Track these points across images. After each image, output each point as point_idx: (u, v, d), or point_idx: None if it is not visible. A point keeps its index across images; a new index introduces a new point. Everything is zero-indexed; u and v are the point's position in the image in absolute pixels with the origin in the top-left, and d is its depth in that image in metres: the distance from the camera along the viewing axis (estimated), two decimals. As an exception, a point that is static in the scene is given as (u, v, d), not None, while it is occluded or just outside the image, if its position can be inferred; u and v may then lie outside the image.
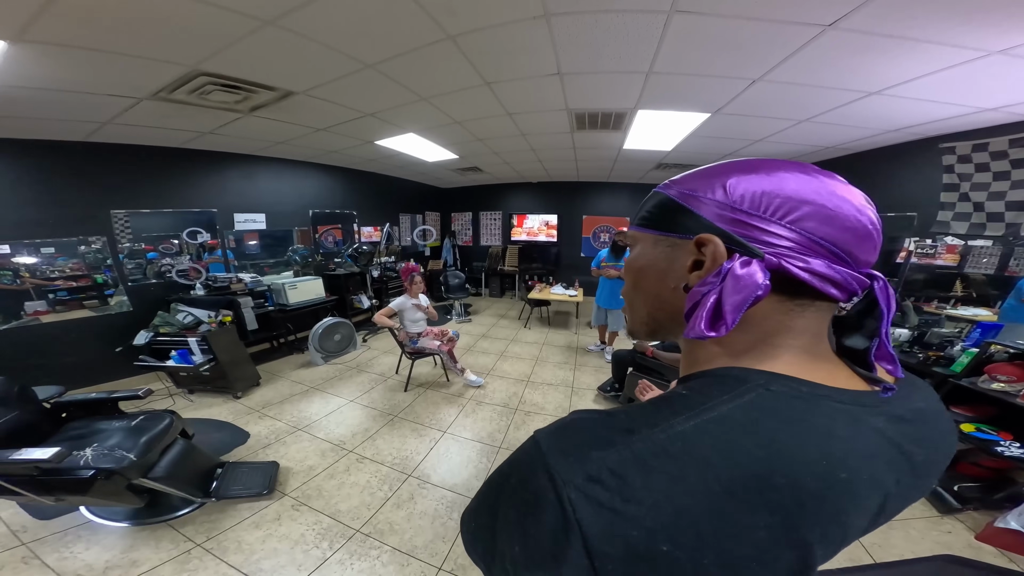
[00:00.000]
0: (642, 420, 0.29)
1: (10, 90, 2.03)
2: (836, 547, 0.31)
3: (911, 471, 0.33)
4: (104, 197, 3.34)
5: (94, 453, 1.62)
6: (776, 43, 1.84)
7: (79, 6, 1.42)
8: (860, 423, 0.31)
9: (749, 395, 0.30)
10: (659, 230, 0.39)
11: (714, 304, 0.32)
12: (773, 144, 3.57)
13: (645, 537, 0.24)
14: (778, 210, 0.33)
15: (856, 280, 0.33)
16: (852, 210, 0.33)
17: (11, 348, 2.89)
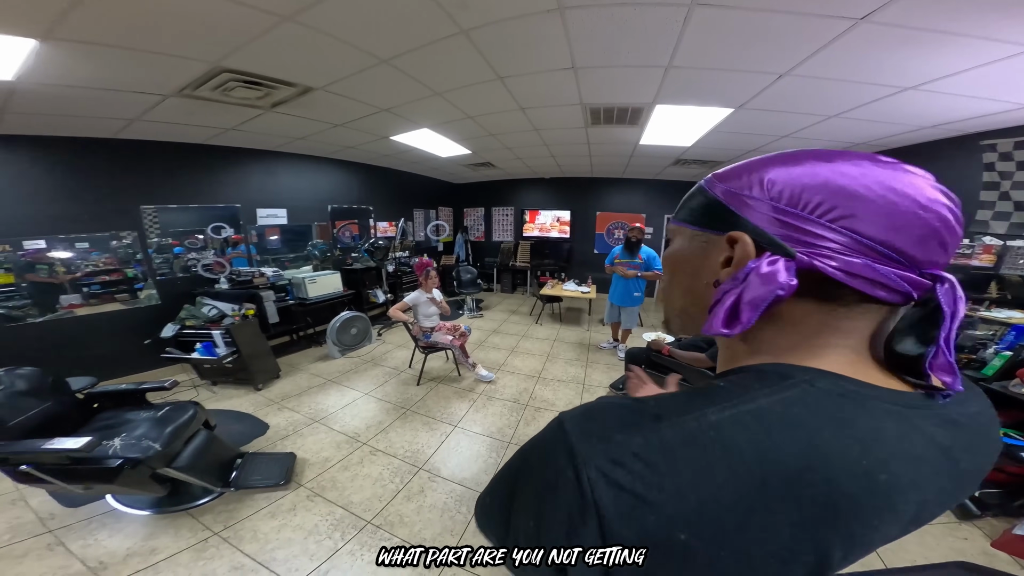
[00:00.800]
0: (673, 408, 0.28)
1: (43, 88, 2.08)
2: (862, 552, 0.29)
3: (955, 478, 0.32)
4: (134, 192, 3.42)
5: (122, 443, 1.68)
6: (805, 37, 1.73)
7: (104, 4, 1.43)
8: (909, 425, 0.29)
9: (792, 390, 0.29)
10: (696, 225, 0.39)
11: (733, 301, 0.31)
12: (800, 140, 3.41)
13: (664, 524, 0.24)
14: (818, 207, 0.31)
15: (909, 281, 0.30)
16: (912, 206, 0.30)
17: (47, 340, 3.01)
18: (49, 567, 1.54)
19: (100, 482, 1.54)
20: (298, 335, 4.42)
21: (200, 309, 3.33)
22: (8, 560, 1.58)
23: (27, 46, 1.63)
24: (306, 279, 4.18)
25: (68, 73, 1.95)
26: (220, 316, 3.30)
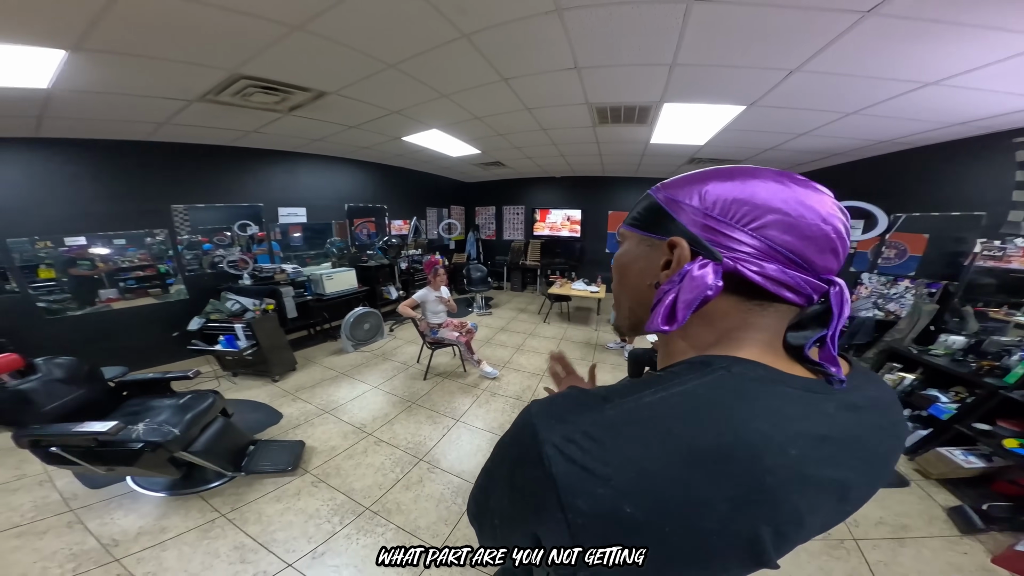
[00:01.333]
0: (618, 392, 0.32)
1: (76, 94, 2.22)
2: (793, 532, 0.32)
3: (866, 457, 0.35)
4: (165, 192, 3.60)
5: (145, 427, 1.78)
6: (811, 31, 1.66)
7: (124, 18, 1.52)
8: (811, 407, 0.33)
9: (713, 375, 0.32)
10: (643, 230, 0.42)
11: (671, 301, 0.35)
12: (819, 138, 3.27)
13: (612, 496, 0.27)
14: (744, 217, 0.35)
15: (811, 285, 0.34)
16: (816, 219, 0.34)
17: (85, 332, 3.22)
18: (66, 543, 1.65)
19: (122, 464, 1.64)
20: (315, 330, 4.56)
21: (224, 304, 3.47)
22: (30, 536, 1.69)
23: (57, 56, 1.75)
24: (323, 275, 4.30)
25: (98, 80, 2.08)
26: (242, 310, 3.43)
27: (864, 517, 1.85)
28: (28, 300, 2.96)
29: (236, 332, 3.24)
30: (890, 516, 1.87)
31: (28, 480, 2.06)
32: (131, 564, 1.54)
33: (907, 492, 2.05)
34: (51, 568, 1.52)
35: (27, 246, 2.92)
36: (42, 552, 1.60)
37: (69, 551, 1.60)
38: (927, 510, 1.91)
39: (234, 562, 1.55)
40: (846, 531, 1.78)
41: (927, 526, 1.81)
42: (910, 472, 2.21)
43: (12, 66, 1.77)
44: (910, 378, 2.57)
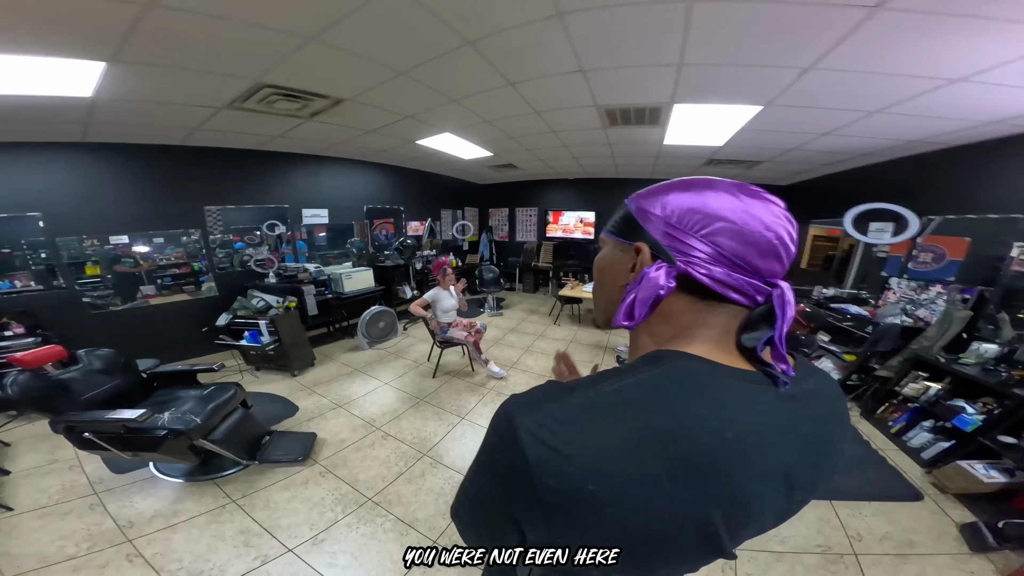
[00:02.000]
0: (583, 384, 0.35)
1: (117, 103, 2.39)
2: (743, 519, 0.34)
3: (809, 445, 0.38)
4: (199, 193, 3.80)
5: (170, 416, 1.87)
6: (819, 28, 1.59)
7: (153, 32, 1.63)
8: (750, 395, 0.35)
9: (662, 367, 0.36)
10: (617, 236, 0.46)
11: (631, 300, 0.39)
12: (844, 138, 3.11)
13: (577, 475, 0.30)
14: (696, 224, 0.38)
15: (754, 287, 0.37)
16: (759, 227, 0.37)
17: (124, 325, 3.45)
18: (85, 524, 1.74)
19: (146, 450, 1.76)
20: (334, 327, 4.70)
21: (250, 301, 3.61)
22: (53, 517, 1.79)
23: (98, 68, 1.89)
24: (343, 274, 4.42)
25: (135, 89, 2.23)
26: (267, 307, 3.56)
27: (868, 531, 1.77)
28: (75, 295, 3.21)
29: (260, 328, 3.38)
30: (897, 531, 1.77)
31: (59, 465, 2.19)
32: (141, 545, 1.63)
33: (919, 507, 1.94)
34: (67, 547, 1.61)
35: (75, 244, 3.17)
36: (61, 532, 1.70)
37: (87, 531, 1.70)
38: (938, 526, 1.80)
39: (238, 545, 1.62)
40: (847, 545, 1.70)
41: (935, 543, 1.70)
42: (926, 486, 2.09)
43: (59, 76, 1.93)
44: (936, 388, 2.42)
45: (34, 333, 2.84)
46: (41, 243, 3.02)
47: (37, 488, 1.99)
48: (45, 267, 3.05)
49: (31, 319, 2.90)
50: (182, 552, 1.59)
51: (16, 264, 2.95)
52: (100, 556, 1.57)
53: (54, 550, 1.60)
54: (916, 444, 2.35)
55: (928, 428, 2.35)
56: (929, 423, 2.37)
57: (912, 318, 3.08)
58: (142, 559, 1.55)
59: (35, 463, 2.20)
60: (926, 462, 2.23)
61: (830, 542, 1.69)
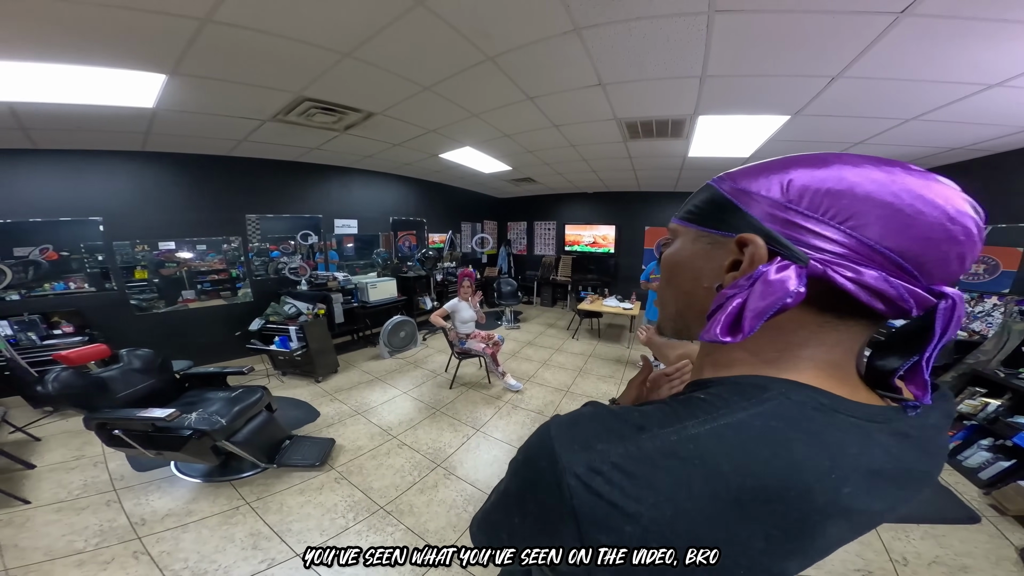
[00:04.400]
0: (655, 419, 0.28)
1: (174, 114, 2.56)
2: (816, 559, 0.30)
3: (908, 487, 0.32)
4: (241, 202, 3.99)
5: (197, 416, 1.89)
6: (844, 36, 1.53)
7: (209, 46, 1.74)
8: (870, 439, 0.29)
9: (769, 403, 0.28)
10: (702, 225, 0.36)
11: (737, 308, 0.29)
12: (878, 146, 2.95)
13: (639, 535, 0.24)
14: (840, 213, 0.28)
15: (916, 298, 0.28)
16: (940, 217, 0.27)
17: (164, 327, 3.63)
18: (99, 520, 1.76)
19: (169, 449, 1.79)
20: (358, 335, 4.79)
21: (282, 307, 3.72)
22: (69, 512, 1.82)
23: (159, 80, 2.04)
24: (368, 284, 4.51)
25: (191, 101, 2.39)
26: (297, 314, 3.65)
27: (916, 556, 1.61)
28: (123, 297, 3.41)
29: (290, 334, 3.46)
30: (948, 555, 1.61)
31: (85, 461, 2.24)
32: (150, 543, 1.63)
33: (975, 530, 1.76)
34: (76, 542, 1.63)
35: (128, 249, 3.38)
36: (73, 526, 1.72)
37: (99, 527, 1.72)
38: (996, 549, 1.64)
39: (246, 548, 1.62)
40: (891, 569, 1.55)
41: (992, 567, 1.55)
42: (983, 507, 1.91)
43: (125, 87, 2.09)
44: (995, 404, 2.23)
45: (82, 332, 3.03)
46: (99, 247, 3.24)
47: (59, 483, 2.03)
48: (99, 270, 3.27)
49: (80, 319, 3.09)
50: (189, 552, 1.59)
51: (72, 267, 3.17)
52: (107, 552, 1.58)
53: (62, 544, 1.62)
54: (973, 464, 2.19)
55: (986, 447, 2.19)
56: (987, 441, 2.20)
57: (967, 331, 2.86)
58: (148, 557, 1.56)
59: (62, 458, 2.26)
60: (984, 483, 2.07)
61: (871, 567, 1.56)
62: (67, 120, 2.48)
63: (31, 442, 2.43)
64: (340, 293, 4.31)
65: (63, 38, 1.60)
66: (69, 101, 2.19)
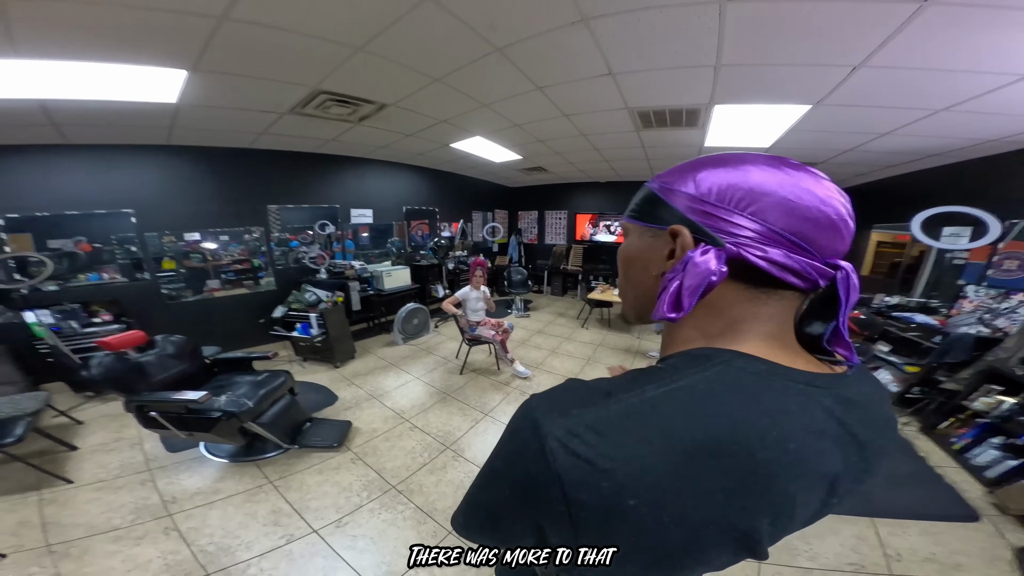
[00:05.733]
0: (620, 387, 0.32)
1: (197, 108, 2.63)
2: (785, 524, 0.32)
3: (858, 452, 0.34)
4: (262, 194, 4.08)
5: (226, 399, 2.01)
6: (865, 24, 1.45)
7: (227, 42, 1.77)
8: (810, 401, 0.32)
9: (713, 369, 0.32)
10: (643, 221, 0.41)
11: (676, 289, 0.34)
12: (908, 137, 2.80)
13: (615, 490, 0.27)
14: (740, 201, 0.34)
15: (816, 269, 0.33)
16: (815, 201, 0.32)
17: (193, 315, 3.78)
18: (135, 498, 1.86)
19: (201, 430, 1.90)
20: (373, 322, 4.90)
21: (303, 295, 3.79)
22: (108, 491, 1.92)
23: (181, 76, 2.09)
24: (383, 272, 4.60)
25: (212, 96, 2.45)
26: (317, 301, 3.72)
27: (911, 551, 1.61)
28: (154, 286, 3.58)
29: (311, 321, 3.57)
30: (944, 553, 1.60)
31: (123, 443, 2.35)
32: (180, 520, 1.73)
33: (974, 528, 1.74)
34: (114, 518, 1.73)
35: (156, 240, 3.53)
36: (111, 504, 1.82)
37: (134, 505, 1.82)
38: (992, 549, 1.62)
39: (268, 524, 1.73)
40: (883, 565, 1.55)
41: (985, 567, 1.53)
42: (985, 506, 1.88)
43: (150, 84, 2.16)
44: (1010, 402, 2.16)
45: (119, 320, 3.20)
46: (130, 238, 3.39)
47: (99, 464, 2.15)
48: (131, 261, 3.43)
49: (117, 308, 3.27)
50: (215, 528, 1.70)
51: (104, 258, 3.33)
52: (140, 528, 1.68)
53: (101, 521, 1.72)
54: (981, 462, 2.15)
55: (996, 445, 2.14)
56: (998, 440, 2.15)
57: (989, 328, 2.76)
58: (177, 532, 1.67)
59: (102, 440, 2.39)
60: (990, 481, 2.03)
61: (865, 561, 1.56)
62: (95, 116, 2.58)
63: (73, 425, 2.57)
64: (357, 281, 4.38)
65: (88, 37, 1.65)
66: (96, 98, 2.26)
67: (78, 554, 1.54)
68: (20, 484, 1.92)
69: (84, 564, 1.50)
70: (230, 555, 1.56)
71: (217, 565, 1.51)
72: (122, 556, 1.54)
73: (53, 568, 1.48)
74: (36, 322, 2.82)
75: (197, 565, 1.51)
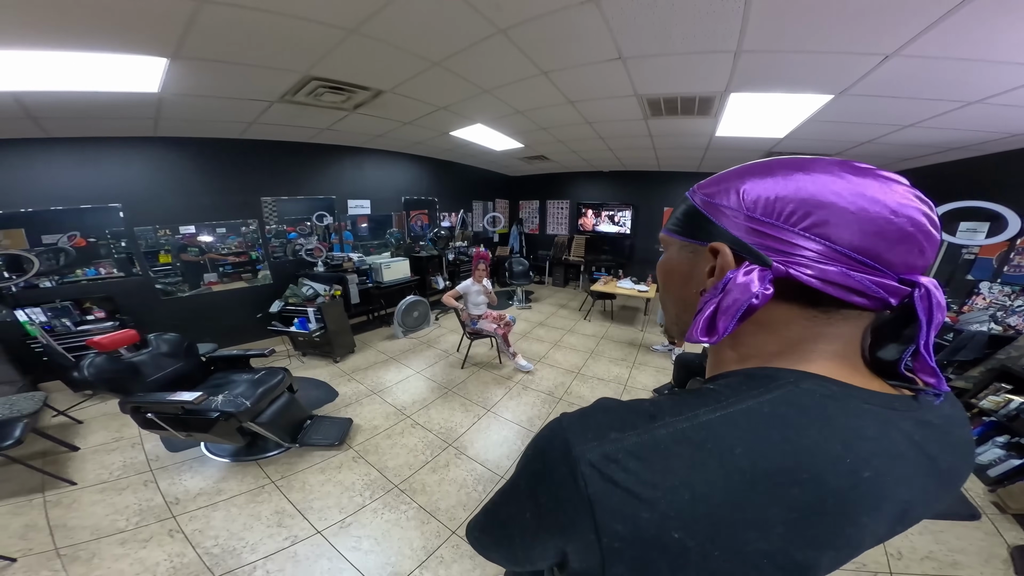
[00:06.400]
0: (666, 409, 0.29)
1: (181, 98, 2.51)
2: (852, 553, 0.29)
3: (936, 477, 0.31)
4: (256, 185, 3.96)
5: (223, 399, 1.96)
6: (908, 12, 1.34)
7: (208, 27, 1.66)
8: (888, 424, 0.29)
9: (779, 391, 0.29)
10: (683, 235, 0.39)
11: (711, 311, 0.32)
12: (932, 130, 2.69)
13: (657, 521, 0.25)
14: (792, 216, 0.31)
15: (884, 288, 0.29)
16: (883, 211, 0.29)
17: (190, 310, 3.70)
18: (139, 499, 1.85)
19: (199, 431, 1.86)
20: (373, 315, 4.85)
21: (300, 289, 3.74)
22: (112, 492, 1.90)
23: (161, 64, 1.97)
24: (382, 264, 4.52)
25: (196, 85, 2.33)
26: (315, 295, 3.67)
27: (911, 550, 1.62)
28: (149, 282, 3.50)
29: (308, 315, 3.52)
30: (942, 551, 1.61)
31: (124, 442, 2.33)
32: (184, 521, 1.72)
33: (973, 526, 1.75)
34: (119, 520, 1.72)
35: (151, 234, 3.44)
36: (116, 506, 1.80)
37: (138, 506, 1.80)
38: (989, 547, 1.64)
39: (272, 525, 1.71)
40: (884, 563, 1.56)
41: (981, 565, 1.55)
42: (986, 504, 1.89)
43: (129, 73, 2.05)
44: (1019, 401, 2.14)
45: (113, 317, 3.14)
46: (122, 233, 3.31)
47: (101, 464, 2.12)
48: (125, 255, 3.35)
49: (111, 304, 3.19)
50: (219, 529, 1.68)
51: (101, 252, 3.25)
52: (146, 530, 1.67)
53: (107, 523, 1.70)
54: (984, 460, 2.15)
55: (1001, 444, 2.13)
56: (1003, 439, 2.15)
57: (1002, 326, 2.72)
58: (182, 534, 1.65)
59: (103, 440, 2.36)
60: (992, 480, 2.04)
61: (866, 559, 1.56)
62: (73, 108, 2.46)
63: (73, 425, 2.53)
64: (355, 274, 4.32)
65: (58, 24, 1.54)
66: (72, 89, 2.15)
67: (87, 557, 1.54)
68: (24, 486, 1.90)
69: (93, 568, 1.50)
70: (236, 557, 1.55)
71: (224, 567, 1.50)
72: (130, 559, 1.54)
73: (64, 572, 1.47)
74: (27, 320, 2.75)
75: (204, 567, 1.50)
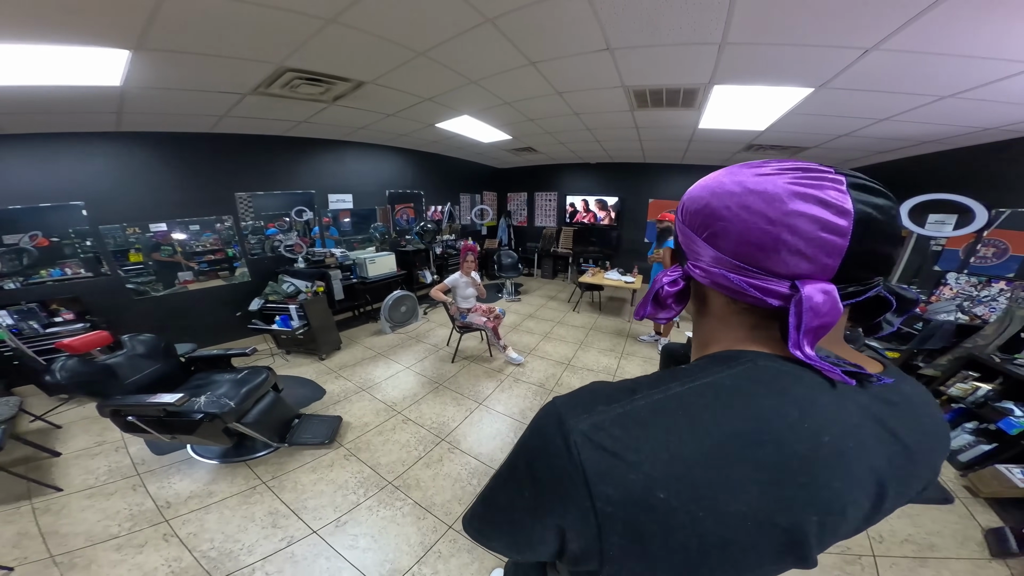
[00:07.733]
0: (645, 384, 0.32)
1: (145, 91, 2.39)
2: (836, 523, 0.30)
3: (904, 453, 0.33)
4: (230, 180, 3.82)
5: (206, 400, 1.92)
6: (887, 6, 1.38)
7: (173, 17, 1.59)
8: (843, 397, 0.31)
9: (739, 367, 0.32)
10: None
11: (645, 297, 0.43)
12: (906, 124, 2.79)
13: (643, 482, 0.27)
14: (699, 226, 0.37)
15: (760, 289, 0.32)
16: (760, 222, 0.32)
17: (165, 310, 3.57)
18: (129, 504, 1.82)
19: (184, 433, 1.82)
20: (359, 311, 4.78)
21: (281, 286, 3.66)
22: (100, 497, 1.87)
23: (123, 56, 1.87)
24: (367, 259, 4.44)
25: (161, 77, 2.21)
26: (296, 292, 3.59)
27: (891, 533, 1.71)
28: (120, 282, 3.34)
29: (290, 312, 3.45)
30: (920, 534, 1.71)
31: (107, 446, 2.27)
32: (177, 525, 1.69)
33: (947, 510, 1.86)
34: (111, 526, 1.69)
35: (119, 232, 3.28)
36: (106, 511, 1.77)
37: (129, 511, 1.78)
38: (963, 530, 1.74)
39: (267, 526, 1.69)
40: (867, 546, 1.65)
41: (957, 547, 1.65)
42: (958, 488, 2.00)
43: (88, 66, 1.93)
44: (985, 388, 2.27)
45: (83, 319, 3.00)
46: (87, 231, 3.14)
47: (86, 469, 2.08)
48: (92, 255, 3.19)
49: (80, 305, 3.05)
50: (214, 532, 1.66)
51: (65, 252, 3.08)
52: (140, 536, 1.65)
53: (99, 529, 1.67)
54: (955, 446, 2.26)
55: (970, 430, 2.25)
56: (972, 425, 2.26)
57: (968, 315, 2.88)
58: (177, 539, 1.63)
59: (84, 444, 2.30)
60: (962, 464, 2.15)
61: (850, 542, 1.65)
62: (28, 103, 2.31)
63: (52, 430, 2.47)
64: (339, 269, 4.25)
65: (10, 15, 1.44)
66: (26, 83, 2.02)
67: (84, 564, 1.51)
68: (11, 494, 1.84)
69: (92, 574, 1.47)
70: (233, 560, 1.53)
71: (223, 570, 1.49)
72: (127, 565, 1.51)
73: (64, 579, 1.43)
74: (-8, 323, 2.60)
75: (202, 571, 1.48)
